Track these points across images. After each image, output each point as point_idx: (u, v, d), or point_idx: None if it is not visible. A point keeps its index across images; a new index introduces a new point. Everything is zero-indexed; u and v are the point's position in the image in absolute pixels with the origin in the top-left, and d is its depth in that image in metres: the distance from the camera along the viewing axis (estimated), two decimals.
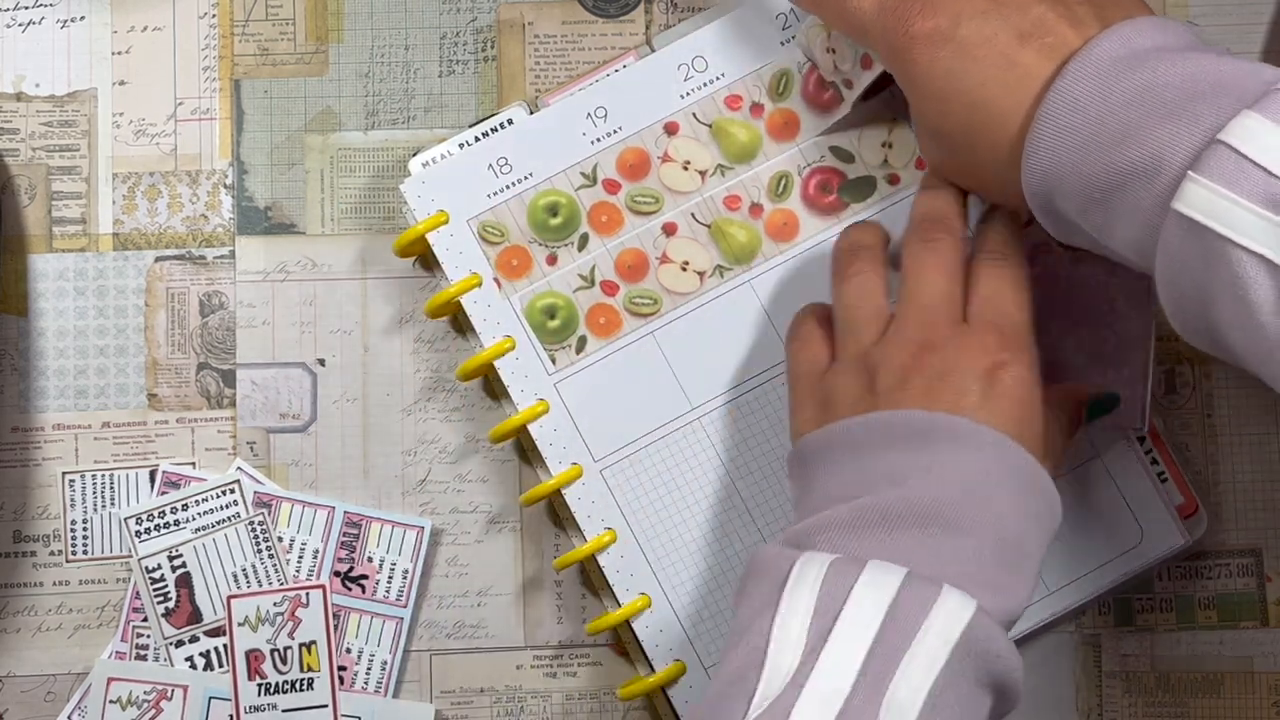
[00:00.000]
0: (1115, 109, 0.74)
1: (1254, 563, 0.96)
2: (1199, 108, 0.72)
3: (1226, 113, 0.72)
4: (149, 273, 0.96)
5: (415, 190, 0.94)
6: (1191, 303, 0.74)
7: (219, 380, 0.96)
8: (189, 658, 0.94)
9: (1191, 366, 0.96)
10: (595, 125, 0.94)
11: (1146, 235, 0.74)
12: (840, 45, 0.90)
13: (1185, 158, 0.72)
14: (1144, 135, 0.73)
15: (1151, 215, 0.73)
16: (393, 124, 0.97)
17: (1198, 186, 0.71)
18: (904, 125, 0.94)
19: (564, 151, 0.94)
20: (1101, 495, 0.93)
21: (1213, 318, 0.73)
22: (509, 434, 0.93)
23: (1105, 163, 0.74)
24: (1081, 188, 0.76)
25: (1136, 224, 0.74)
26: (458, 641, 0.95)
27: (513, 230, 0.93)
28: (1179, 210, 0.72)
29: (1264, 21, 0.98)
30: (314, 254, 0.97)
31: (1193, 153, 0.72)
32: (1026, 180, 0.78)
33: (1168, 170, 0.72)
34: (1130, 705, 0.95)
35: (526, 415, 0.92)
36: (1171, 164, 0.72)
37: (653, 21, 0.98)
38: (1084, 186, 0.76)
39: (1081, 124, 0.75)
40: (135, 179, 0.97)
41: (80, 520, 0.95)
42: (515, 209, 0.93)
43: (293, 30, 0.98)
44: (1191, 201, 0.71)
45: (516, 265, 0.93)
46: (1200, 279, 0.72)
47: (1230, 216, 0.70)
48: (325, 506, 0.95)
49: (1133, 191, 0.74)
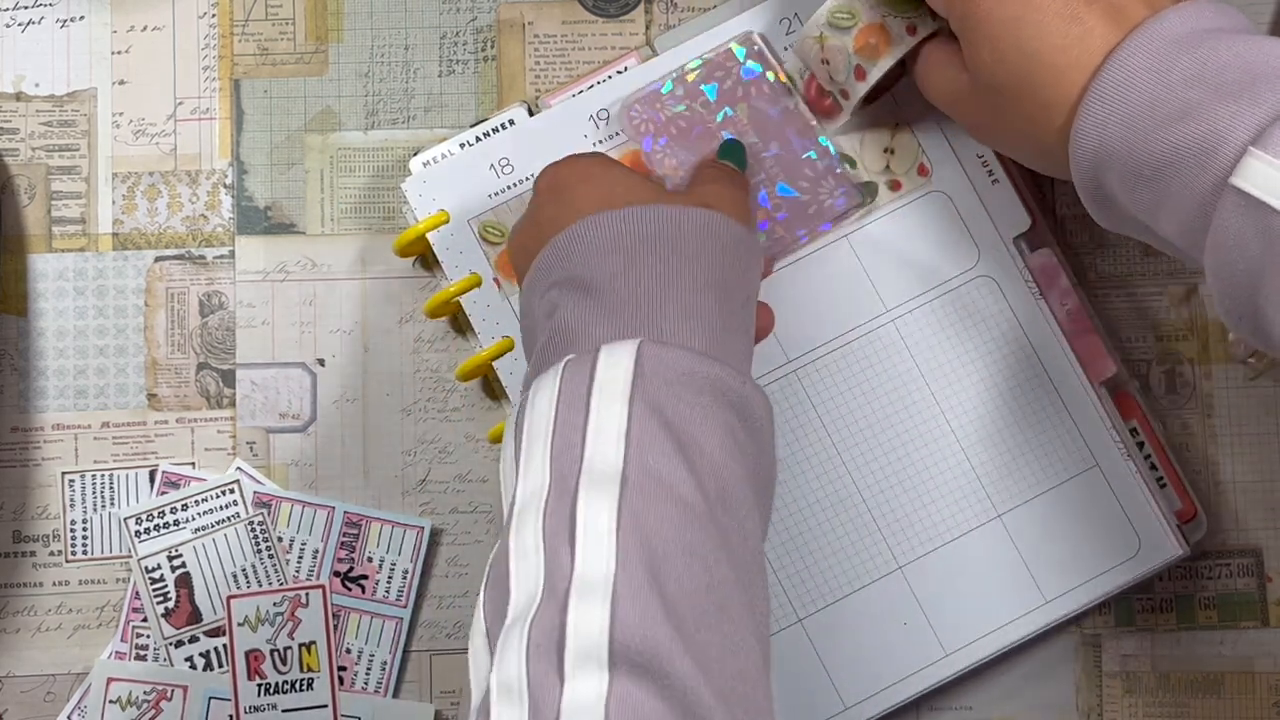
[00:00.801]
0: (1174, 86, 0.74)
1: (1254, 563, 0.96)
2: (1260, 89, 0.72)
3: None
4: (149, 273, 0.96)
5: (416, 189, 0.94)
6: (1242, 285, 0.73)
7: (219, 380, 0.96)
8: (189, 658, 0.94)
9: (1192, 367, 0.96)
10: (597, 128, 0.94)
11: (1197, 217, 0.74)
12: (835, 56, 0.90)
13: (1246, 136, 0.72)
14: (1203, 113, 0.73)
15: (1205, 195, 0.73)
16: (392, 124, 0.97)
17: (1260, 162, 0.71)
18: (906, 131, 0.94)
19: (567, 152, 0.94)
20: (1099, 504, 0.93)
21: (1260, 301, 0.73)
22: None
23: (1160, 139, 0.74)
24: (1132, 165, 0.75)
25: (1187, 205, 0.74)
26: (458, 642, 0.95)
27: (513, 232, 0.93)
28: (1238, 186, 0.72)
29: (1264, 22, 0.98)
30: (314, 254, 0.97)
31: (1254, 131, 0.72)
32: (1075, 153, 0.78)
33: (1227, 148, 0.72)
34: (1131, 705, 0.95)
35: None
36: (1231, 142, 0.72)
37: (653, 21, 0.98)
38: (1135, 163, 0.75)
39: (1137, 99, 0.75)
40: (135, 179, 0.97)
41: (80, 520, 0.95)
42: (516, 209, 0.93)
43: (292, 30, 0.98)
44: (1251, 177, 0.71)
45: None
46: (1255, 258, 0.72)
47: None
48: (325, 506, 0.95)
49: (1186, 170, 0.74)
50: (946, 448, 0.93)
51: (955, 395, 0.93)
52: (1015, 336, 0.93)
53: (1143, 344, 0.96)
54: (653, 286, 0.76)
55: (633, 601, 0.67)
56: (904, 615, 0.93)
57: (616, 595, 0.67)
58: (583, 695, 0.65)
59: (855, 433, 0.93)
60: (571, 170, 0.84)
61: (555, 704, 0.65)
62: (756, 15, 0.95)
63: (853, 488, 0.93)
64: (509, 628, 0.68)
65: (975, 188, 0.94)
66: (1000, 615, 0.93)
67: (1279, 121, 0.71)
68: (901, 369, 0.93)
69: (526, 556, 0.70)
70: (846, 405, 0.93)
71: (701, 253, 0.78)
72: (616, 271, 0.77)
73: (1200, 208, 0.74)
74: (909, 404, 0.93)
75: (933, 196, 0.94)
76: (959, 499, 0.93)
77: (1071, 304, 0.94)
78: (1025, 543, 0.93)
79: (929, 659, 0.92)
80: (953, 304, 0.94)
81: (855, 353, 0.94)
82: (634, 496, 0.70)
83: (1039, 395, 0.93)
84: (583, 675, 0.66)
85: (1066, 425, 0.93)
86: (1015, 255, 0.94)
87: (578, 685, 0.65)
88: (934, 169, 0.94)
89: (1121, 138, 0.76)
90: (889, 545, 0.93)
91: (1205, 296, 0.96)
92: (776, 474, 0.78)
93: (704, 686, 0.66)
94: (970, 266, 0.94)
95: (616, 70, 0.96)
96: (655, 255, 0.77)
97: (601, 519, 0.69)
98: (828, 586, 0.93)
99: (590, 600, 0.67)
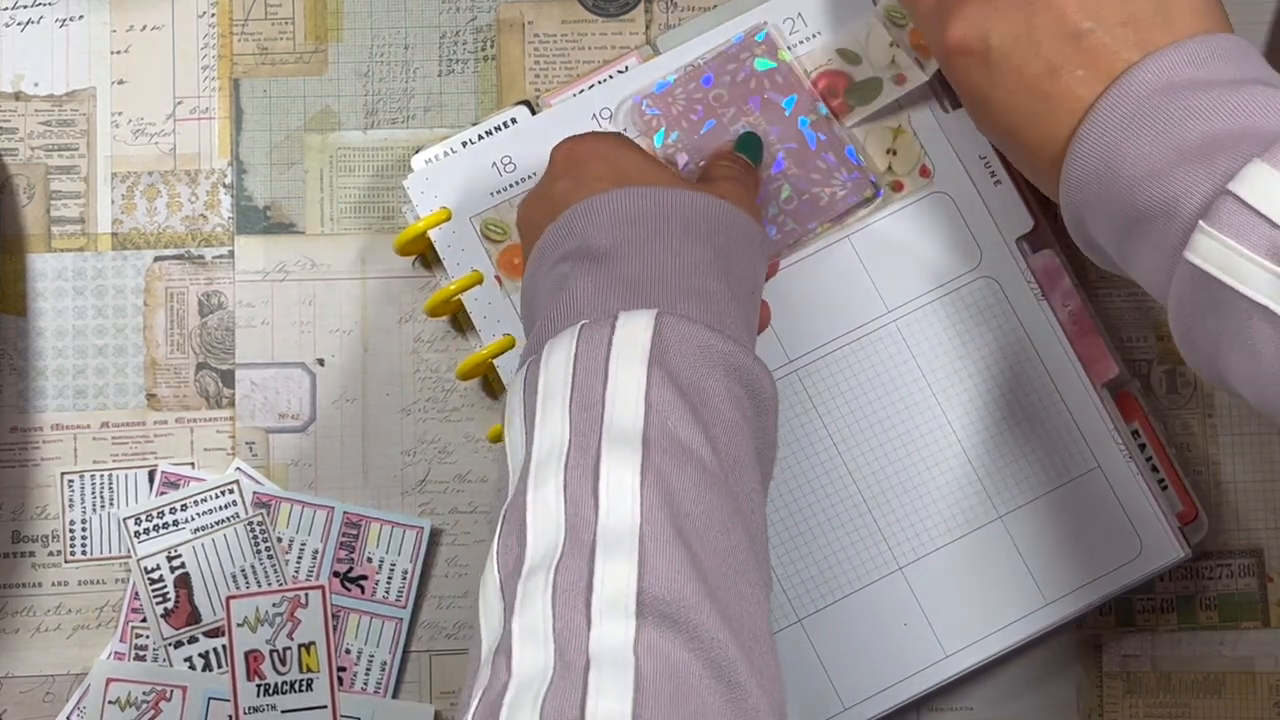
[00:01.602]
0: (1141, 146, 0.73)
1: (1255, 563, 0.96)
2: (1217, 153, 0.71)
3: (1240, 160, 0.70)
4: (148, 272, 0.96)
5: (418, 186, 0.93)
6: (1203, 348, 0.73)
7: (218, 380, 0.96)
8: (188, 658, 0.93)
9: None
10: (600, 126, 0.94)
11: (1164, 276, 0.73)
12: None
13: (1198, 205, 0.71)
14: (1164, 177, 0.72)
15: (1169, 258, 0.72)
16: (392, 123, 0.97)
17: (1207, 237, 0.70)
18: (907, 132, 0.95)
19: None
20: (1100, 506, 0.93)
21: (1223, 366, 0.72)
22: None
23: (1128, 200, 0.73)
24: (1108, 221, 0.75)
25: (1156, 264, 0.74)
26: (458, 642, 0.95)
27: (515, 229, 0.93)
28: (1189, 260, 0.71)
29: (1264, 21, 0.98)
30: (313, 253, 0.96)
31: (1205, 201, 0.70)
32: (1063, 208, 0.78)
33: (1182, 216, 0.71)
34: (1131, 706, 0.95)
35: None
36: (1186, 210, 0.71)
37: (653, 21, 0.98)
38: (1110, 220, 0.75)
39: (1110, 158, 0.74)
40: (134, 178, 0.96)
41: (79, 520, 0.95)
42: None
43: (292, 29, 0.98)
44: (1201, 252, 0.70)
45: (518, 264, 0.93)
46: (1210, 327, 0.72)
47: (1239, 269, 0.69)
48: (324, 507, 0.95)
49: (1154, 231, 0.73)
50: (948, 448, 0.93)
51: (957, 396, 0.93)
52: (1017, 337, 0.93)
53: (1144, 344, 0.96)
54: (666, 263, 0.76)
55: (660, 555, 0.68)
56: (904, 616, 0.93)
57: (644, 548, 0.68)
58: (610, 639, 0.65)
59: (857, 433, 0.93)
60: (588, 147, 0.84)
61: (583, 646, 0.65)
62: (757, 16, 0.95)
63: (854, 488, 0.93)
64: (529, 575, 0.68)
65: (977, 189, 0.94)
66: (1001, 616, 0.93)
67: (1224, 195, 0.70)
68: (903, 369, 0.93)
69: (546, 508, 0.70)
70: (848, 405, 0.93)
71: (714, 237, 0.78)
72: (630, 245, 0.77)
73: (1165, 270, 0.73)
74: (910, 404, 0.93)
75: (935, 197, 0.94)
76: (960, 499, 0.93)
77: (1074, 305, 0.94)
78: (1026, 544, 0.93)
79: (929, 659, 0.92)
80: (955, 305, 0.94)
81: (857, 353, 0.93)
82: (657, 456, 0.70)
83: (1041, 396, 0.93)
84: (610, 621, 0.66)
85: (1068, 427, 0.93)
86: (1017, 256, 0.94)
87: (605, 629, 0.66)
88: (936, 170, 0.94)
89: (1096, 195, 0.75)
90: (890, 546, 0.93)
91: None
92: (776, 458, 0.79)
93: (731, 641, 0.67)
94: (972, 267, 0.94)
95: (617, 70, 0.96)
96: (669, 234, 0.77)
97: (626, 475, 0.69)
98: (828, 587, 0.93)
99: (617, 552, 0.68)
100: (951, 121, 0.94)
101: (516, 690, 0.65)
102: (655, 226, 0.77)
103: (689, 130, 0.93)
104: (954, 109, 0.94)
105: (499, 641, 0.68)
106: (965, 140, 0.94)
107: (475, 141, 0.94)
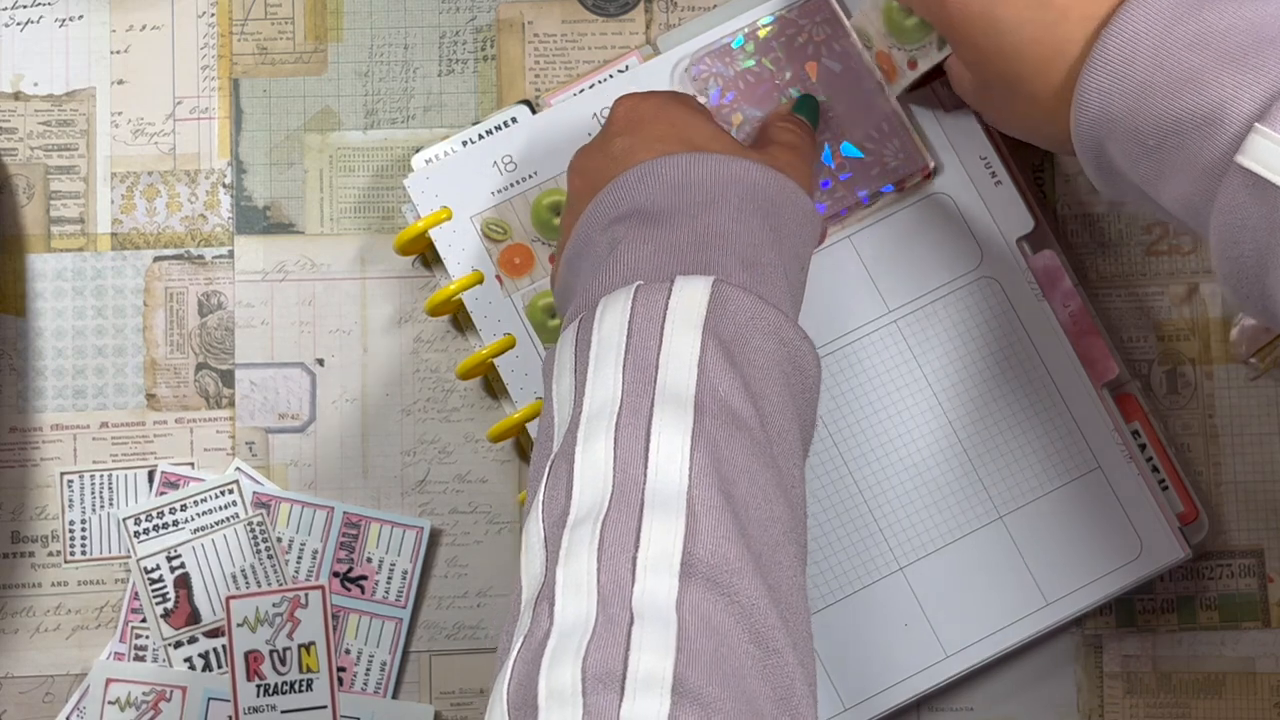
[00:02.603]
0: (1176, 51, 0.71)
1: (1256, 564, 0.96)
2: (1266, 56, 0.69)
3: None
4: (147, 272, 0.96)
5: (419, 186, 0.93)
6: (1249, 265, 0.71)
7: (218, 380, 0.96)
8: (188, 659, 0.93)
9: (1193, 367, 0.96)
10: (600, 126, 0.94)
11: (1200, 191, 0.71)
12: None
13: (1252, 109, 0.69)
14: (1206, 82, 0.70)
15: (1209, 169, 0.70)
16: (392, 123, 0.97)
17: (1266, 140, 0.68)
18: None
19: (569, 151, 0.93)
20: (1101, 506, 0.93)
21: (1269, 283, 0.70)
22: (508, 433, 0.93)
23: (1162, 109, 0.71)
24: (1134, 135, 0.73)
25: (1190, 178, 0.71)
26: (457, 642, 0.95)
27: (516, 228, 0.93)
28: (1243, 164, 0.69)
29: None
30: (313, 253, 0.96)
31: (1260, 104, 0.69)
32: (1077, 125, 0.76)
33: (1231, 121, 0.69)
34: (1132, 706, 0.95)
35: (526, 414, 0.92)
36: (1236, 115, 0.69)
37: (653, 21, 0.98)
38: (1137, 134, 0.73)
39: (1139, 66, 0.72)
40: (134, 178, 0.96)
41: (79, 521, 0.95)
42: (519, 207, 0.93)
43: (292, 29, 0.98)
44: (1258, 155, 0.68)
45: (519, 263, 0.93)
46: (1263, 240, 0.69)
47: None
48: (324, 507, 0.95)
49: (1190, 142, 0.71)
50: (948, 449, 0.93)
51: (957, 396, 0.93)
52: (1018, 338, 0.93)
53: (1144, 344, 0.96)
54: (726, 230, 0.76)
55: (707, 518, 0.68)
56: (905, 616, 0.93)
57: (692, 511, 0.68)
58: (654, 593, 0.66)
59: (857, 433, 0.93)
60: (653, 105, 0.83)
61: (626, 601, 0.66)
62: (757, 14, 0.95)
63: (854, 488, 0.93)
64: (574, 526, 0.69)
65: (978, 189, 0.94)
66: (1001, 617, 0.93)
67: None
68: (904, 370, 0.93)
69: (595, 463, 0.70)
70: (849, 406, 0.93)
71: (771, 211, 0.78)
72: (689, 210, 0.77)
73: (1204, 182, 0.71)
74: (911, 405, 0.93)
75: (936, 198, 0.94)
76: (961, 500, 0.93)
77: (1074, 305, 0.94)
78: (1027, 544, 0.93)
79: (930, 660, 0.92)
80: (955, 305, 0.94)
81: (858, 353, 0.93)
82: (708, 421, 0.71)
83: (1041, 397, 0.93)
84: (655, 579, 0.67)
85: (1069, 427, 0.93)
86: (1018, 256, 0.94)
87: (649, 585, 0.66)
88: (936, 170, 0.94)
89: (1123, 107, 0.73)
90: (890, 546, 0.93)
91: (1207, 296, 0.96)
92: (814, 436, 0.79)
93: (771, 608, 0.67)
94: (973, 268, 0.94)
95: (617, 69, 0.96)
96: (727, 203, 0.77)
97: (677, 439, 0.70)
98: (828, 587, 0.92)
99: (665, 513, 0.68)
100: (952, 122, 0.94)
101: (559, 638, 0.66)
102: (715, 194, 0.77)
103: (745, 91, 0.93)
104: (954, 109, 0.94)
105: (540, 588, 0.68)
106: (966, 140, 0.94)
107: (475, 141, 0.94)
